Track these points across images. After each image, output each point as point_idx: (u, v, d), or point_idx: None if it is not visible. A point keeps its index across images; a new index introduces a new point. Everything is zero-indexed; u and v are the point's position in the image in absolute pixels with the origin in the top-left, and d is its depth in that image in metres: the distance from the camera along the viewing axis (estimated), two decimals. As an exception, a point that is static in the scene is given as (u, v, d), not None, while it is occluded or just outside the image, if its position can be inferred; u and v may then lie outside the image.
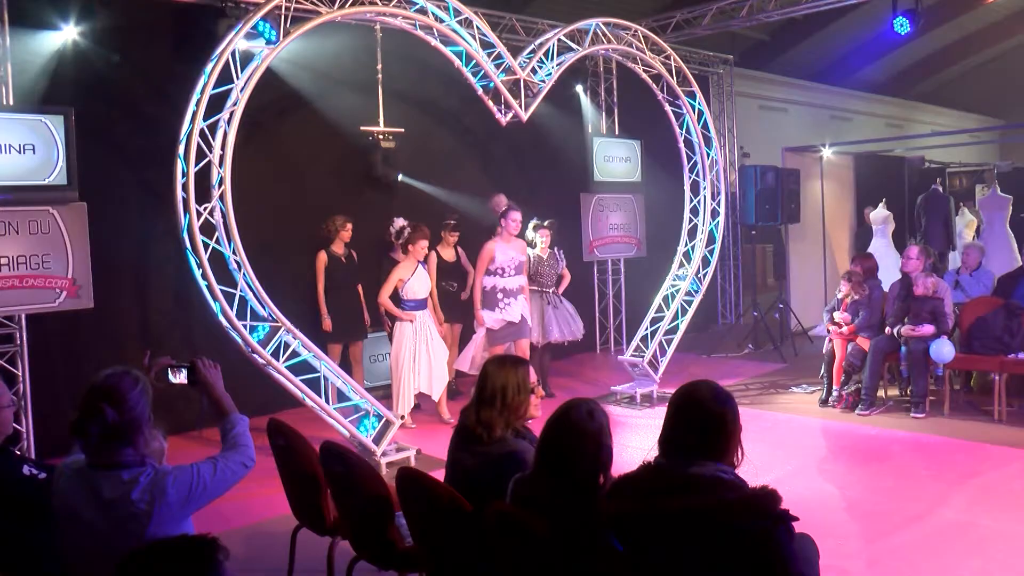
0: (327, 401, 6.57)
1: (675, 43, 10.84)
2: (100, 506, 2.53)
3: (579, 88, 11.11)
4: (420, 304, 7.58)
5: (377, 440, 6.58)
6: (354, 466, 3.79)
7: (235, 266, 6.25)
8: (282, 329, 6.33)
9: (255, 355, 6.23)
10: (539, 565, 2.72)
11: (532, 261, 8.52)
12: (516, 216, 7.97)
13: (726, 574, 2.37)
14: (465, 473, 3.39)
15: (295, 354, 6.44)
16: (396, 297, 7.52)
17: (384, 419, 6.66)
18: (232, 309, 6.14)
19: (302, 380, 6.41)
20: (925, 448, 6.83)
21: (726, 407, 2.64)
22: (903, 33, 9.14)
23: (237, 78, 6.16)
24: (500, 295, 7.87)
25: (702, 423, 2.59)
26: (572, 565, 2.60)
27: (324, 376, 6.55)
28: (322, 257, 8.02)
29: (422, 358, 7.49)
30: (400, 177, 8.94)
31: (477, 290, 7.95)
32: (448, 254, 8.70)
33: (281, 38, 6.24)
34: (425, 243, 7.60)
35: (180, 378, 2.99)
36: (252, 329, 6.27)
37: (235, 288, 6.22)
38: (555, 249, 8.72)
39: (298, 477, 4.30)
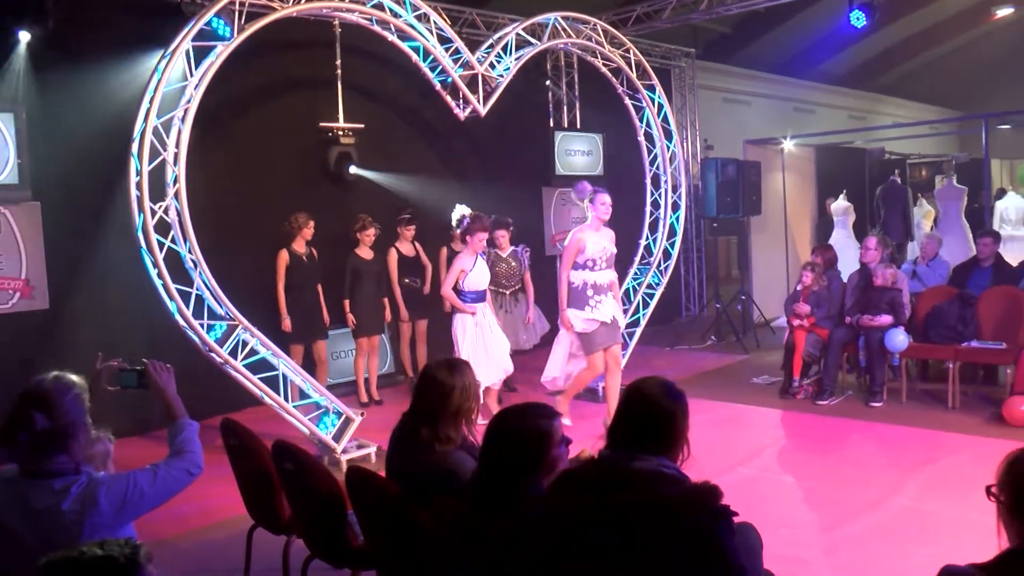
0: (286, 399, 6.54)
1: (636, 36, 10.86)
2: (29, 516, 2.48)
3: (539, 81, 11.09)
4: (480, 296, 7.36)
5: (337, 437, 6.56)
6: (305, 464, 3.78)
7: (191, 264, 6.21)
8: (239, 327, 6.29)
9: (212, 354, 6.19)
10: (483, 563, 2.73)
11: (490, 258, 8.17)
12: (605, 198, 6.94)
13: (667, 569, 2.37)
14: (402, 482, 3.36)
15: (254, 352, 6.41)
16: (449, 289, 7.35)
17: (344, 416, 6.64)
18: (189, 308, 6.08)
19: (261, 378, 6.38)
20: (882, 436, 6.93)
21: (676, 404, 2.65)
22: (859, 26, 9.24)
23: (191, 75, 6.11)
24: (591, 292, 6.86)
25: (650, 418, 2.60)
26: (515, 562, 2.61)
27: (283, 374, 6.51)
28: (283, 256, 7.92)
29: (480, 351, 7.18)
30: (352, 169, 8.84)
31: (563, 287, 6.95)
32: (406, 249, 8.64)
33: (235, 34, 6.19)
34: (484, 235, 7.37)
35: (131, 381, 2.97)
36: (209, 328, 6.21)
37: (192, 287, 6.18)
38: (518, 247, 8.49)
39: (252, 476, 4.29)
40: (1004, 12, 16.80)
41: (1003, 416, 6.88)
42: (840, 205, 12.22)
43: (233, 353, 6.24)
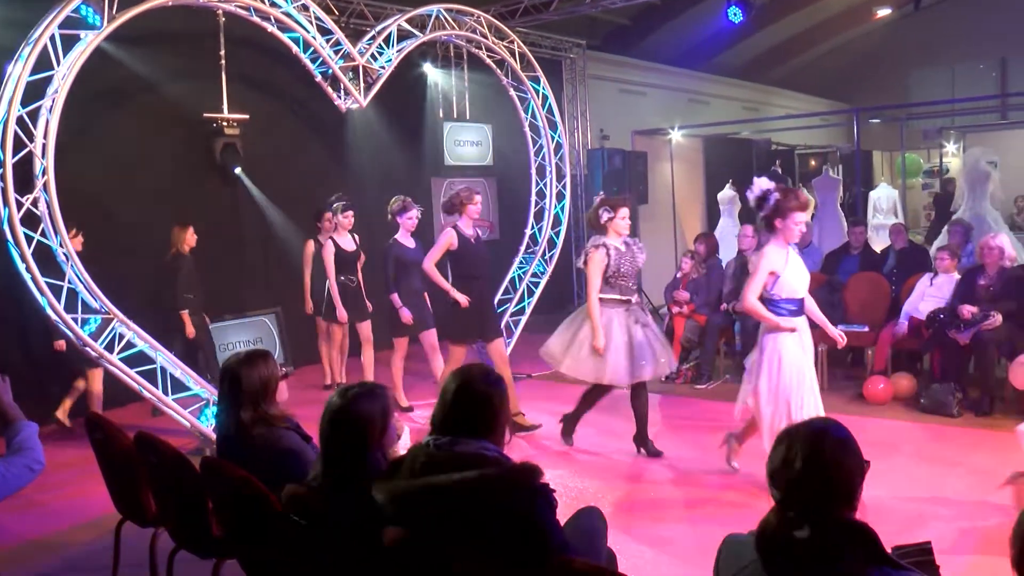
0: (165, 392, 6.48)
1: (528, 28, 10.96)
2: None
3: (428, 72, 11.10)
4: (801, 307, 5.20)
5: (218, 430, 6.53)
6: (166, 456, 3.80)
7: (63, 258, 6.10)
8: (115, 321, 6.21)
9: (87, 348, 6.11)
10: (329, 546, 2.82)
11: (611, 254, 5.90)
12: None
13: (490, 548, 2.48)
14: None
15: (131, 345, 6.34)
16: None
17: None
18: (61, 302, 5.99)
19: (140, 372, 6.32)
20: (753, 417, 7.22)
21: (493, 389, 2.77)
22: (737, 22, 9.56)
23: (58, 64, 5.98)
24: None
25: (469, 403, 2.72)
26: (354, 549, 2.70)
27: (161, 367, 6.46)
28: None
29: (801, 395, 5.27)
30: (238, 171, 8.70)
31: None
32: (345, 242, 7.69)
33: (106, 23, 6.09)
34: (803, 216, 5.13)
35: None
36: (83, 322, 6.13)
37: (64, 280, 6.07)
38: (633, 238, 6.31)
39: (117, 470, 4.27)
40: (883, 12, 17.62)
41: (863, 395, 7.27)
42: (726, 194, 12.60)
43: (109, 347, 6.17)
